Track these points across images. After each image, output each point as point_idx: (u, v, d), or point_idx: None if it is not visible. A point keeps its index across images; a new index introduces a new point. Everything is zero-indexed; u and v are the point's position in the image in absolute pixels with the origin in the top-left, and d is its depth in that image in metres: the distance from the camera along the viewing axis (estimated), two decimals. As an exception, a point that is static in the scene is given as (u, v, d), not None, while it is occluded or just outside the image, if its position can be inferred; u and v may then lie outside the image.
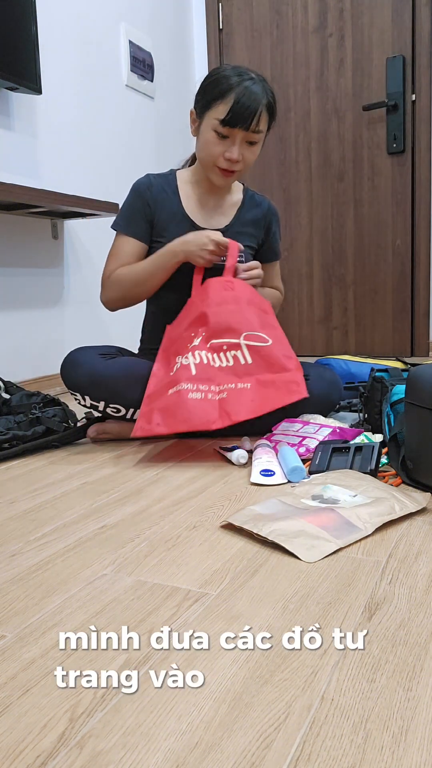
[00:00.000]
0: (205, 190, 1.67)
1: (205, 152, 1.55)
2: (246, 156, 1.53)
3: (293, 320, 3.29)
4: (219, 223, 1.67)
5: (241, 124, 1.46)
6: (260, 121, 1.49)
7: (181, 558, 0.90)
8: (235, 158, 1.50)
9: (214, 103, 1.48)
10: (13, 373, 2.21)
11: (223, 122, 1.46)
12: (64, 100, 2.42)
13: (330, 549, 0.90)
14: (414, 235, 3.05)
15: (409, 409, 1.14)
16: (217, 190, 1.67)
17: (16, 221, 2.23)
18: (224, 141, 1.50)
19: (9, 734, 0.55)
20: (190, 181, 1.67)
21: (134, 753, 0.53)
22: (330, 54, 3.10)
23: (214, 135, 1.50)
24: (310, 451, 1.33)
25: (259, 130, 1.50)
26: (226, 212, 1.69)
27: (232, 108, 1.45)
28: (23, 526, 1.05)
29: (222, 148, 1.51)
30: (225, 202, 1.69)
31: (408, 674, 0.62)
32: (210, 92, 1.49)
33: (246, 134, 1.49)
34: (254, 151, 1.55)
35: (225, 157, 1.51)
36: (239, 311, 1.47)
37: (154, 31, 3.01)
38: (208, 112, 1.50)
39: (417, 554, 0.89)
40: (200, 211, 1.66)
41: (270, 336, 1.46)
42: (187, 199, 1.66)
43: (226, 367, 1.42)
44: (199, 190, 1.67)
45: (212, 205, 1.68)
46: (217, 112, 1.47)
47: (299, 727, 0.55)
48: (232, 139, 1.49)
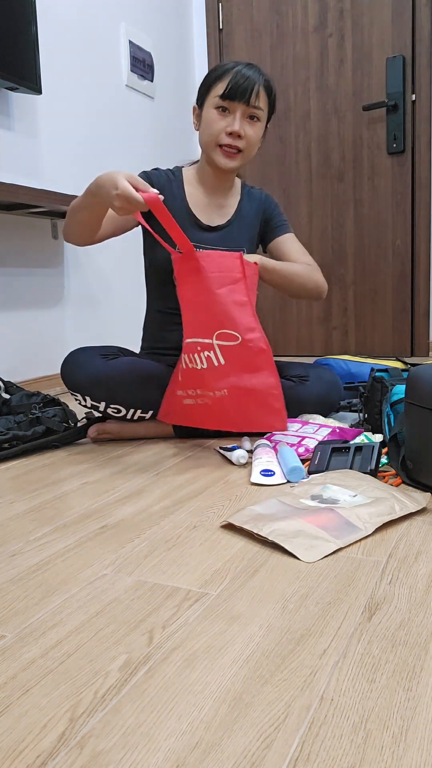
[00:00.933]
0: (208, 189, 1.67)
1: (207, 132, 1.56)
2: (248, 132, 1.54)
3: (293, 320, 3.29)
4: (220, 219, 1.68)
5: (241, 97, 1.50)
6: (259, 97, 1.51)
7: (181, 558, 0.90)
8: (237, 130, 1.52)
9: (213, 85, 1.53)
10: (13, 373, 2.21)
11: (223, 96, 1.50)
12: (64, 100, 2.42)
13: (330, 549, 0.90)
14: (414, 235, 3.05)
15: (409, 409, 1.14)
16: (221, 185, 1.67)
17: (16, 221, 2.23)
18: (226, 116, 1.53)
19: (9, 734, 0.55)
20: (194, 179, 1.68)
21: (134, 753, 0.53)
22: (330, 54, 3.10)
23: (216, 112, 1.53)
24: (310, 451, 1.33)
25: (259, 106, 1.52)
26: (228, 208, 1.70)
27: (231, 82, 1.49)
28: (23, 526, 1.05)
29: (224, 124, 1.53)
30: (227, 201, 1.70)
31: (408, 674, 0.62)
32: (208, 78, 1.55)
33: (246, 108, 1.51)
34: (256, 128, 1.56)
35: (227, 132, 1.53)
36: (210, 302, 1.38)
37: (154, 31, 3.01)
38: (208, 96, 1.54)
39: (417, 554, 0.89)
40: (204, 207, 1.67)
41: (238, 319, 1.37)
42: (191, 196, 1.67)
43: (201, 370, 1.39)
44: (203, 187, 1.67)
45: (215, 204, 1.68)
46: (217, 90, 1.52)
47: (299, 727, 0.55)
48: (233, 112, 1.52)
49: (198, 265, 1.37)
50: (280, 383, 1.43)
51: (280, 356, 3.26)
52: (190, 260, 1.38)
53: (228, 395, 1.38)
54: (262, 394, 1.37)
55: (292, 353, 3.31)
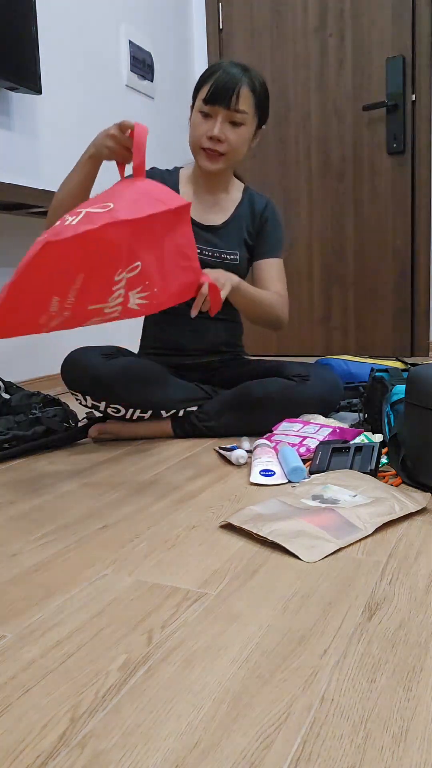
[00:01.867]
0: (204, 188, 1.67)
1: (191, 135, 1.58)
2: (230, 137, 1.54)
3: (293, 320, 3.29)
4: (216, 219, 1.68)
5: (221, 102, 1.49)
6: (240, 99, 1.50)
7: (181, 558, 0.90)
8: (216, 135, 1.52)
9: (201, 87, 1.53)
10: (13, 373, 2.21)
11: (205, 100, 1.50)
12: (64, 100, 2.42)
13: (330, 549, 0.90)
14: (414, 235, 3.05)
15: (409, 409, 1.14)
16: (215, 186, 1.67)
17: (16, 221, 2.23)
18: (208, 121, 1.53)
19: (9, 734, 0.55)
20: (190, 178, 1.69)
21: (134, 753, 0.53)
22: (330, 54, 3.10)
23: (199, 116, 1.54)
24: (311, 451, 1.33)
25: (241, 109, 1.51)
26: (225, 209, 1.69)
27: (212, 86, 1.49)
28: (23, 526, 1.05)
29: (205, 128, 1.53)
30: (223, 200, 1.70)
31: (408, 674, 0.62)
32: (199, 80, 1.55)
33: (227, 113, 1.51)
34: (239, 133, 1.55)
35: (207, 136, 1.53)
36: (130, 197, 1.19)
37: (154, 31, 3.01)
38: (196, 98, 1.55)
39: (417, 554, 0.89)
40: (198, 206, 1.67)
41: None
42: (186, 195, 1.67)
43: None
44: (198, 187, 1.68)
45: (211, 203, 1.68)
46: (201, 93, 1.52)
47: (299, 727, 0.55)
48: (214, 117, 1.52)
49: (137, 186, 1.21)
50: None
51: (281, 356, 3.27)
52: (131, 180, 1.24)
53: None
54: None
55: (292, 353, 3.31)
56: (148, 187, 1.22)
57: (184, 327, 1.69)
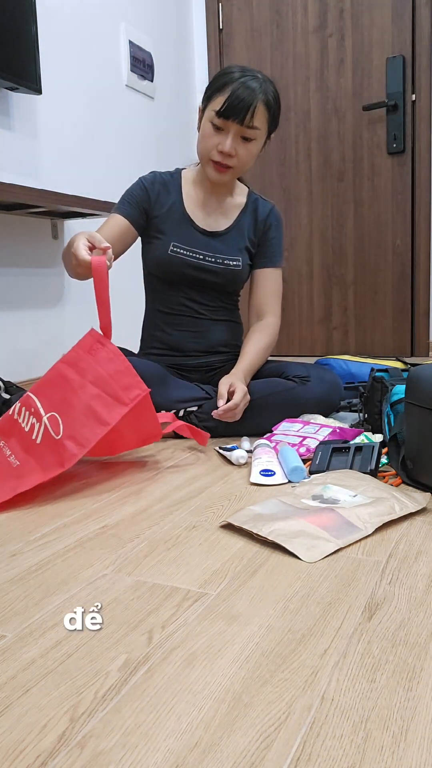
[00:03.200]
0: (207, 191, 1.67)
1: (201, 145, 1.56)
2: (240, 152, 1.52)
3: (293, 320, 3.29)
4: (219, 224, 1.68)
5: (235, 117, 1.47)
6: (255, 116, 1.47)
7: (181, 558, 0.90)
8: (227, 151, 1.50)
9: (214, 95, 1.50)
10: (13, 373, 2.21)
11: (219, 113, 1.48)
12: (64, 100, 2.42)
13: (330, 549, 0.90)
14: (414, 235, 3.05)
15: (409, 409, 1.14)
16: (219, 190, 1.67)
17: (16, 221, 2.23)
18: (219, 133, 1.51)
19: (9, 734, 0.55)
20: (193, 181, 1.68)
21: (134, 753, 0.53)
22: (330, 54, 3.10)
23: (211, 127, 1.51)
24: (311, 451, 1.33)
25: (254, 126, 1.49)
26: (228, 214, 1.69)
27: (228, 99, 1.46)
28: (23, 526, 1.05)
29: (216, 141, 1.51)
30: (227, 204, 1.69)
31: (408, 674, 0.62)
32: (212, 85, 1.52)
33: (240, 128, 1.49)
34: (249, 148, 1.53)
35: (218, 150, 1.52)
36: (71, 392, 1.22)
37: (154, 31, 3.01)
38: (208, 105, 1.52)
39: (417, 554, 0.89)
40: (201, 211, 1.67)
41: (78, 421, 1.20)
42: (189, 198, 1.66)
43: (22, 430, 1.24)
44: (201, 190, 1.67)
45: (214, 206, 1.68)
46: (215, 104, 1.49)
47: (299, 727, 0.55)
48: (227, 131, 1.50)
49: (100, 348, 1.25)
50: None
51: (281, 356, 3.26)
52: (98, 341, 1.27)
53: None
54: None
55: (292, 353, 3.31)
56: (106, 373, 1.22)
57: (185, 327, 1.70)
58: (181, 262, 1.63)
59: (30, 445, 1.20)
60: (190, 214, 1.66)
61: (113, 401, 1.20)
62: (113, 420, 1.19)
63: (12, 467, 1.19)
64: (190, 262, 1.63)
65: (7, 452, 1.22)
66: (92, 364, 1.23)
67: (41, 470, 1.17)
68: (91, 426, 1.18)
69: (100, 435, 1.18)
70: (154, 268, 1.68)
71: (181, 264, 1.63)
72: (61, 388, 1.23)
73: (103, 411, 1.19)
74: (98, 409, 1.19)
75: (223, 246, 1.66)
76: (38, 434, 1.20)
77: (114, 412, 1.19)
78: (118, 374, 1.23)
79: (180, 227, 1.64)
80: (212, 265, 1.64)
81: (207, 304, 1.70)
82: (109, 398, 1.21)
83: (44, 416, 1.20)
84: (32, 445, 1.20)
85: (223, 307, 1.73)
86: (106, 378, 1.22)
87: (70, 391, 1.22)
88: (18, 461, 1.19)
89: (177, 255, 1.63)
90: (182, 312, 1.70)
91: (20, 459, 1.19)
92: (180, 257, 1.63)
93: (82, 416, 1.19)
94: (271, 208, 1.72)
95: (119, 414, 1.19)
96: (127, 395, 1.21)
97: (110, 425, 1.18)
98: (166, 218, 1.64)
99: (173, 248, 1.63)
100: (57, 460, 1.16)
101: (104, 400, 1.20)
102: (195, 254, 1.64)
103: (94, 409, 1.19)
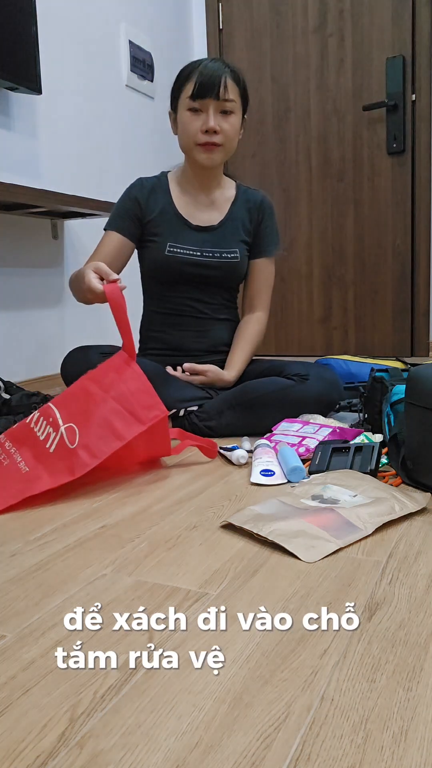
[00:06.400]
0: (196, 188, 1.68)
1: (184, 135, 1.59)
2: (223, 126, 1.56)
3: (293, 320, 3.29)
4: (212, 219, 1.68)
5: (210, 92, 1.51)
6: (228, 88, 1.52)
7: (181, 558, 0.90)
8: (212, 126, 1.54)
9: (183, 86, 1.55)
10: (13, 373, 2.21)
11: (193, 96, 1.52)
12: (64, 100, 2.42)
13: (330, 549, 0.90)
14: (414, 235, 3.05)
15: (409, 409, 1.14)
16: (208, 185, 1.67)
17: (16, 221, 2.23)
18: (199, 115, 1.55)
19: (9, 734, 0.55)
20: (180, 180, 1.69)
21: (134, 753, 0.53)
22: (330, 54, 3.10)
23: (189, 113, 1.55)
24: (310, 451, 1.33)
25: (230, 98, 1.53)
26: (220, 208, 1.70)
27: (198, 80, 1.51)
28: (23, 526, 1.05)
29: (198, 123, 1.55)
30: (217, 198, 1.70)
31: (408, 674, 0.62)
32: (177, 81, 1.57)
33: (217, 103, 1.53)
34: (231, 122, 1.57)
35: (202, 130, 1.55)
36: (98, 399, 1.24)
37: (154, 31, 3.00)
38: (179, 99, 1.56)
39: (417, 554, 0.89)
40: (192, 208, 1.68)
41: (94, 432, 1.20)
42: (178, 197, 1.67)
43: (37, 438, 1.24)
44: (190, 187, 1.68)
45: (204, 202, 1.69)
46: (186, 92, 1.54)
47: (299, 727, 0.55)
48: (205, 111, 1.54)
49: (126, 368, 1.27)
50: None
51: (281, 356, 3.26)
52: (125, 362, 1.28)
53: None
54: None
55: (292, 353, 3.31)
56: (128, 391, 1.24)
57: (187, 327, 1.70)
58: (179, 262, 1.64)
59: (42, 453, 1.21)
60: (182, 212, 1.66)
61: (132, 419, 1.22)
62: (129, 435, 1.20)
63: (21, 473, 1.19)
64: (188, 260, 1.64)
65: (18, 458, 1.22)
66: (116, 381, 1.26)
67: (50, 476, 1.17)
68: (106, 438, 1.19)
69: (114, 449, 1.18)
70: (153, 270, 1.69)
71: (179, 263, 1.64)
72: (82, 401, 1.24)
73: (120, 426, 1.20)
74: (116, 423, 1.20)
75: (219, 239, 1.67)
76: (53, 443, 1.21)
77: (131, 429, 1.21)
78: (139, 393, 1.25)
79: (174, 227, 1.65)
80: (210, 260, 1.65)
81: (208, 302, 1.70)
82: (128, 415, 1.22)
83: (62, 426, 1.21)
84: (44, 453, 1.20)
85: (224, 305, 1.74)
86: (128, 395, 1.24)
87: (91, 403, 1.23)
88: (28, 468, 1.20)
89: (174, 255, 1.63)
90: (184, 312, 1.70)
91: (30, 466, 1.20)
92: (178, 257, 1.63)
93: (99, 428, 1.20)
94: (262, 198, 1.75)
95: (136, 431, 1.21)
96: (146, 414, 1.23)
97: (126, 440, 1.19)
98: (159, 220, 1.65)
99: (170, 249, 1.63)
100: (68, 467, 1.17)
101: (123, 416, 1.22)
102: (192, 252, 1.64)
103: (111, 423, 1.20)
